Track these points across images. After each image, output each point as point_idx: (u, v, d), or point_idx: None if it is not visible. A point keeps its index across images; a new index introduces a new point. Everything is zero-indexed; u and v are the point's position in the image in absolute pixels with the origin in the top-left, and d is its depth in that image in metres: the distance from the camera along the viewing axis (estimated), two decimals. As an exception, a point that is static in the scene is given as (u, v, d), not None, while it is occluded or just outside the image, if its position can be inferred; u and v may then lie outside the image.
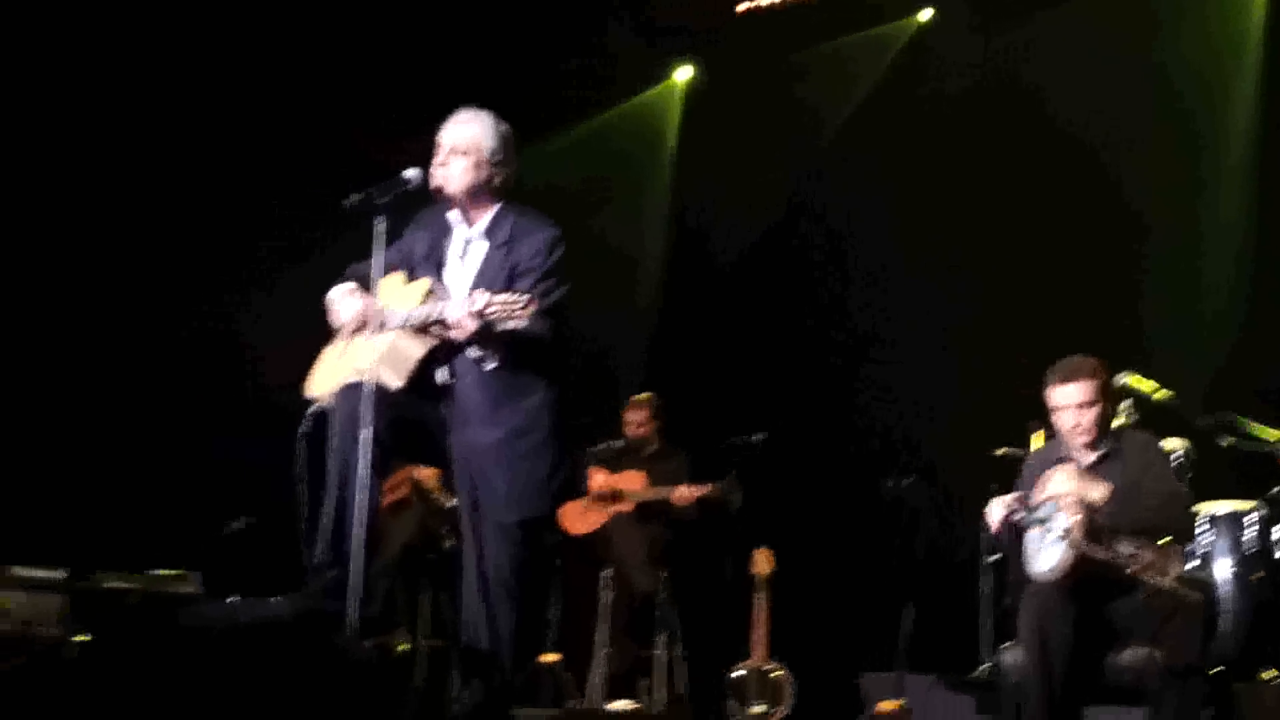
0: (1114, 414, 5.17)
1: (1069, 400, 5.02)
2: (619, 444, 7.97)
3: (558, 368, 4.48)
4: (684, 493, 7.54)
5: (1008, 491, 5.18)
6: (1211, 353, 7.30)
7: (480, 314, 4.14)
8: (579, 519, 7.69)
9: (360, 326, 4.47)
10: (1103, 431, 5.04)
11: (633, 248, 9.52)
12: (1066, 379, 5.02)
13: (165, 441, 7.58)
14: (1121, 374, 5.06)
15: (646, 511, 7.69)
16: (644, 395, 8.04)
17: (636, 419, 7.94)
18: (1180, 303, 7.62)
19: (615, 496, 7.70)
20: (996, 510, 5.06)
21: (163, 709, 1.99)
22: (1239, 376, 7.13)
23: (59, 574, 6.08)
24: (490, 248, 4.51)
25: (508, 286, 4.37)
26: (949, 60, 8.62)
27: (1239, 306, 7.51)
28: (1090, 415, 5.00)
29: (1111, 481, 4.98)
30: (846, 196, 8.85)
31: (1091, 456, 5.08)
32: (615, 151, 9.41)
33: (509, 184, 4.56)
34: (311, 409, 4.51)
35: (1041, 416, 6.15)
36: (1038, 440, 6.10)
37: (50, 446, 7.33)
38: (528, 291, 4.32)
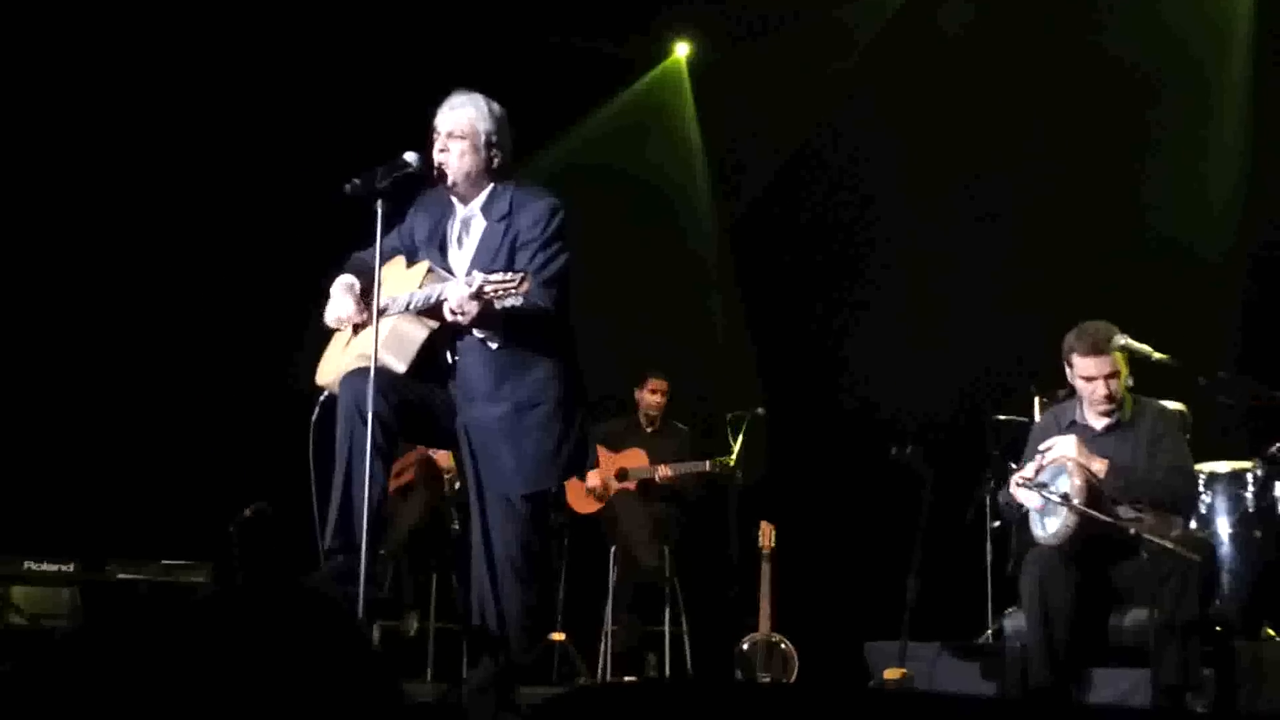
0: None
1: (1100, 370, 5.04)
2: (622, 421, 8.03)
3: (564, 338, 4.46)
4: (686, 468, 7.61)
5: (1009, 457, 5.22)
6: (1206, 315, 7.34)
7: (478, 295, 4.12)
8: (584, 498, 7.74)
9: (357, 324, 4.50)
10: (1120, 398, 5.10)
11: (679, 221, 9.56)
12: (1099, 350, 5.03)
13: (176, 430, 7.61)
14: (1119, 335, 5.08)
15: (650, 489, 7.73)
16: (657, 372, 8.10)
17: (652, 396, 8.00)
18: (1177, 264, 7.66)
19: (619, 475, 7.75)
20: (1017, 489, 5.08)
21: (169, 690, 2.01)
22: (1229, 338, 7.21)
23: (70, 566, 6.14)
24: (489, 224, 4.49)
25: (509, 260, 4.36)
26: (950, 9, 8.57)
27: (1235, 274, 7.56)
28: (1116, 384, 5.05)
29: (1123, 448, 5.03)
30: (844, 166, 8.87)
31: (1104, 422, 5.13)
32: (639, 132, 9.38)
33: (506, 162, 4.56)
34: (322, 397, 4.53)
35: (1042, 383, 6.20)
36: (1039, 406, 6.15)
37: (61, 438, 7.36)
38: (529, 262, 4.32)
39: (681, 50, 9.55)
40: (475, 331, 4.33)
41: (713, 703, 2.19)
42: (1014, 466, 5.25)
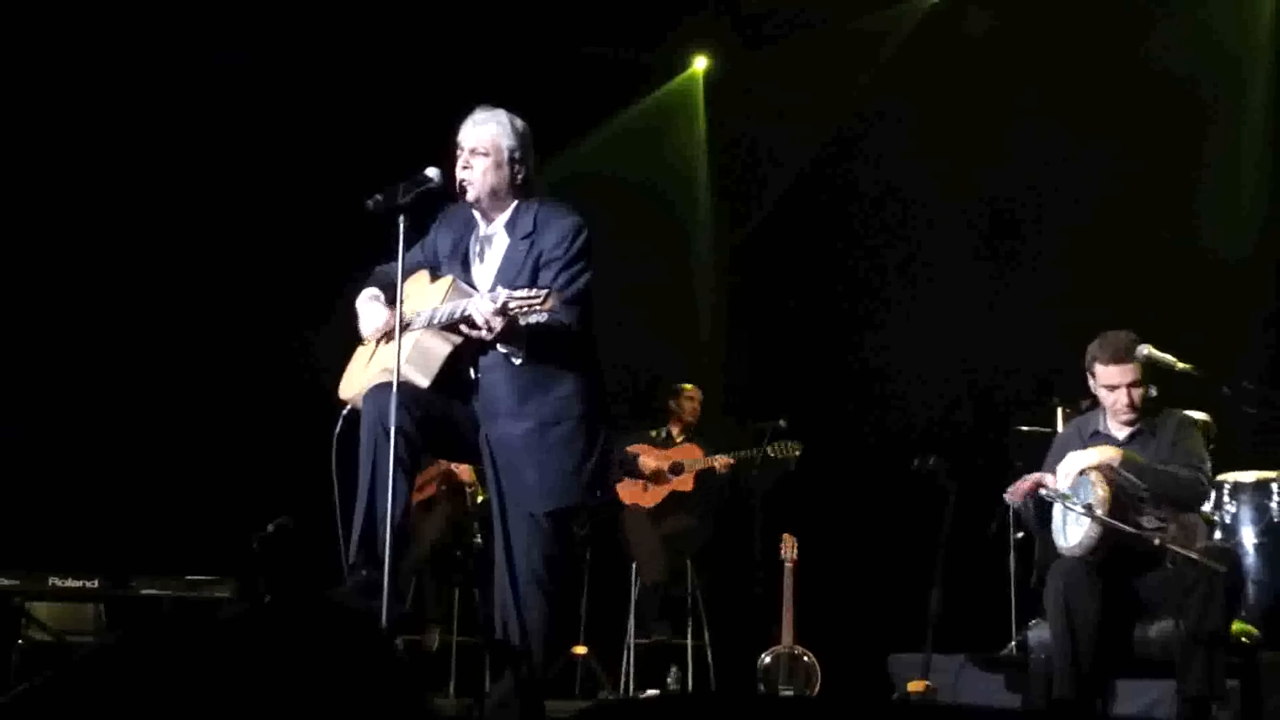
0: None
1: (1122, 379, 5.03)
2: (649, 432, 8.06)
3: (587, 355, 4.48)
4: (729, 461, 7.70)
5: (1033, 468, 5.21)
6: (1232, 325, 7.32)
7: (503, 310, 4.15)
8: (641, 494, 7.79)
9: (386, 334, 4.52)
10: (1143, 408, 5.09)
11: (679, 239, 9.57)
12: (1121, 358, 5.03)
13: (198, 446, 7.64)
14: (1142, 346, 5.07)
15: (676, 502, 7.78)
16: (691, 385, 8.16)
17: (689, 403, 8.04)
18: (1202, 273, 7.63)
19: (675, 469, 7.80)
20: (1022, 485, 5.09)
21: (198, 705, 2.02)
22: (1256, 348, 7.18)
23: (94, 582, 6.16)
24: (512, 241, 4.51)
25: (532, 278, 4.38)
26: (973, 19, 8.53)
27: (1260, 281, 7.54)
28: (1139, 394, 5.05)
29: (1145, 457, 5.01)
30: (865, 174, 8.87)
31: (1126, 431, 5.12)
32: (649, 144, 9.40)
33: (530, 178, 4.58)
34: (345, 411, 4.55)
35: (1065, 393, 6.19)
36: (1062, 416, 6.14)
37: (84, 454, 7.39)
38: (552, 281, 4.34)
39: (700, 64, 9.56)
40: (499, 347, 4.35)
41: (735, 717, 2.19)
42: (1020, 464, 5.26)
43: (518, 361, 4.37)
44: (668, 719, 2.15)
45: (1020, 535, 6.55)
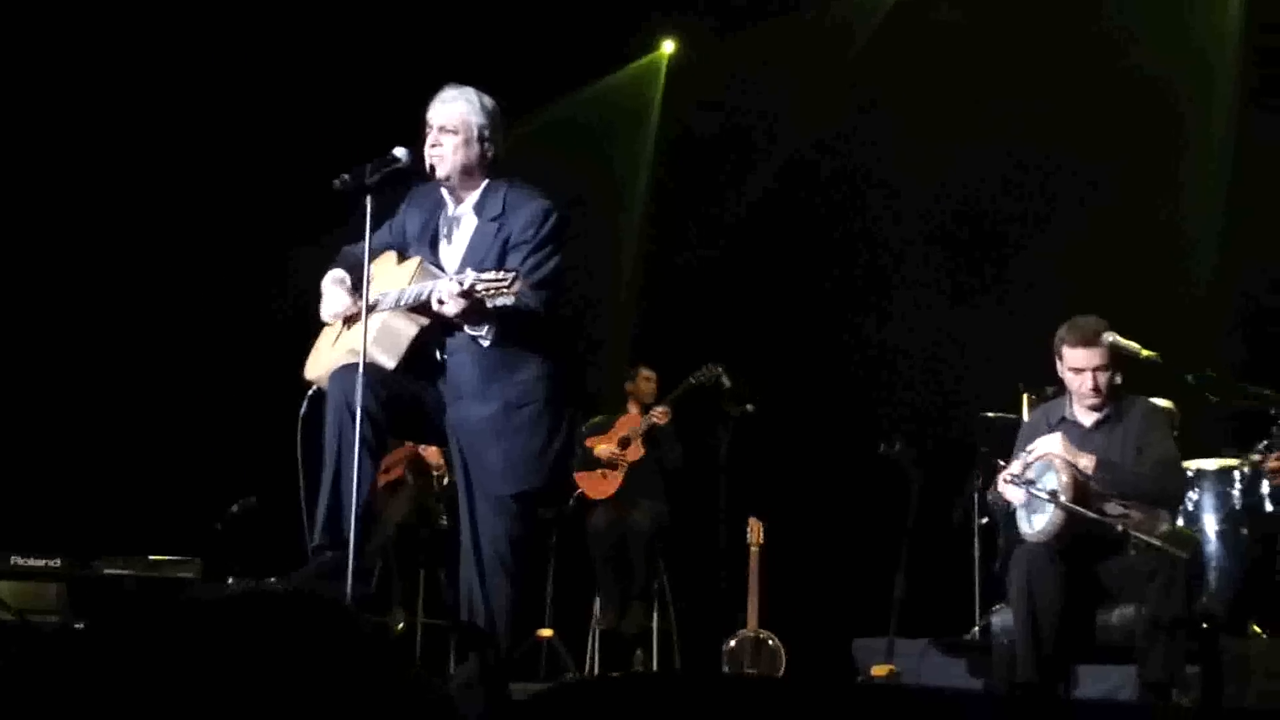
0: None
1: (1089, 363, 5.04)
2: (607, 417, 8.06)
3: (554, 340, 4.47)
4: (665, 408, 7.76)
5: (998, 454, 5.23)
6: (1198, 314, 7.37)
7: (468, 293, 4.13)
8: (599, 483, 7.79)
9: (348, 319, 4.50)
10: (1110, 394, 5.11)
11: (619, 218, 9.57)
12: (1089, 342, 5.04)
13: (163, 425, 7.60)
14: (1106, 333, 5.09)
15: (636, 479, 7.80)
16: (647, 368, 8.18)
17: (646, 384, 8.06)
18: (1163, 263, 7.67)
19: (621, 443, 7.81)
20: (1005, 486, 5.09)
21: (161, 688, 2.00)
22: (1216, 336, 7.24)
23: (56, 562, 6.13)
24: (481, 222, 4.49)
25: (500, 260, 4.36)
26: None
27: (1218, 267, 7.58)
28: (1105, 378, 5.06)
29: (1111, 445, 5.03)
30: (836, 162, 8.87)
31: (1093, 418, 5.14)
32: (601, 124, 9.40)
33: (499, 157, 4.56)
34: (310, 391, 4.53)
35: (1030, 380, 6.22)
36: (1028, 403, 6.17)
37: (48, 433, 7.35)
38: (520, 264, 4.33)
39: (667, 47, 9.55)
40: (466, 329, 4.34)
41: (700, 697, 2.19)
42: (1002, 464, 5.25)
43: (485, 344, 4.36)
44: (631, 698, 2.15)
45: (985, 521, 6.59)
